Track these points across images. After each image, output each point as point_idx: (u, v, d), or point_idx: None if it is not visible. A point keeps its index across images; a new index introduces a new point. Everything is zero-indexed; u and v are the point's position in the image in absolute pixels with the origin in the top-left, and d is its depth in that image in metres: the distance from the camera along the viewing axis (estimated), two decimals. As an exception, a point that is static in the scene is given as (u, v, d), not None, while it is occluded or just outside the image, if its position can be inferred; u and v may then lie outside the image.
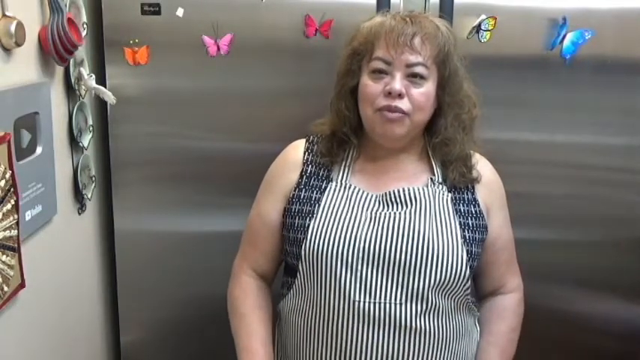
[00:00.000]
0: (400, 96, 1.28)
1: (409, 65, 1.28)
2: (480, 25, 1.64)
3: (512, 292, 1.46)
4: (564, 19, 1.64)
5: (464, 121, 1.36)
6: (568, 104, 1.71)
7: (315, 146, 1.42)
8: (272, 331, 1.44)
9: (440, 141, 1.35)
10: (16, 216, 1.27)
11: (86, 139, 1.66)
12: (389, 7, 1.58)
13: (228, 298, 1.46)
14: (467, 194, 1.37)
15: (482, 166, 1.41)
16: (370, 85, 1.31)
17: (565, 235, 1.79)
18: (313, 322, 1.32)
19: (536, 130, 1.73)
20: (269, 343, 1.40)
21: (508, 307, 1.44)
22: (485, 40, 1.65)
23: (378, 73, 1.30)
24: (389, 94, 1.28)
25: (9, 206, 1.24)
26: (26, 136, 1.36)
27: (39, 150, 1.40)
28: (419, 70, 1.28)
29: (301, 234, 1.32)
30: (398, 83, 1.27)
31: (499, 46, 1.66)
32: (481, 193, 1.38)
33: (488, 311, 1.44)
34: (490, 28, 1.65)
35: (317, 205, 1.34)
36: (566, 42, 1.65)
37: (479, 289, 1.46)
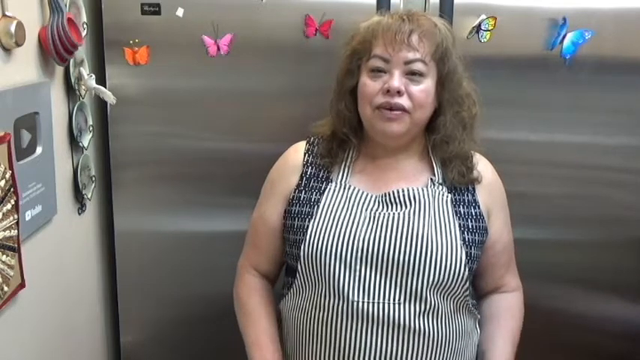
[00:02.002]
0: (399, 93, 1.28)
1: (407, 62, 1.28)
2: (480, 25, 1.64)
3: (515, 291, 1.46)
4: (564, 19, 1.64)
5: (463, 118, 1.36)
6: (568, 104, 1.71)
7: (316, 147, 1.42)
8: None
9: (440, 138, 1.35)
10: (16, 216, 1.27)
11: (86, 139, 1.66)
12: (389, 7, 1.59)
13: (234, 298, 1.47)
14: (467, 195, 1.37)
15: (483, 167, 1.41)
16: (369, 84, 1.31)
17: (565, 235, 1.79)
18: (312, 322, 1.32)
19: (536, 130, 1.73)
20: (277, 338, 1.40)
21: (515, 306, 1.45)
22: (485, 40, 1.65)
23: (376, 72, 1.30)
24: (387, 92, 1.28)
25: (9, 206, 1.24)
26: (26, 136, 1.36)
27: (39, 150, 1.40)
28: (417, 66, 1.28)
29: (301, 235, 1.32)
30: (396, 80, 1.27)
31: (499, 46, 1.66)
32: (482, 194, 1.38)
33: (496, 306, 1.44)
34: (490, 28, 1.65)
35: (316, 206, 1.34)
36: (566, 42, 1.65)
37: (478, 289, 1.46)
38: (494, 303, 1.45)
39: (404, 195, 1.32)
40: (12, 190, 1.25)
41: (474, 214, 1.35)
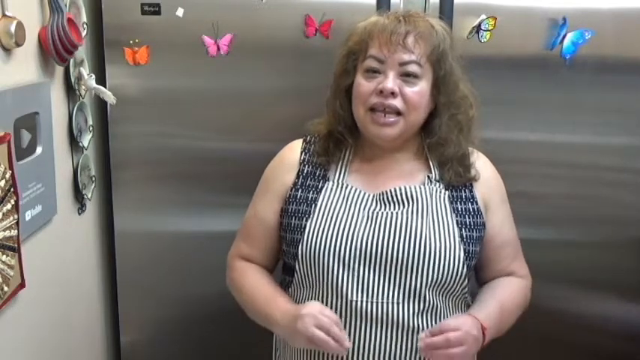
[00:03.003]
0: (393, 95, 1.27)
1: (402, 64, 1.28)
2: (480, 25, 1.64)
3: (522, 278, 1.44)
4: (564, 19, 1.64)
5: (460, 122, 1.35)
6: (568, 104, 1.71)
7: (312, 146, 1.42)
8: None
9: (435, 141, 1.35)
10: (16, 216, 1.27)
11: (86, 139, 1.66)
12: (389, 7, 1.59)
13: (229, 286, 1.45)
14: (464, 192, 1.37)
15: (482, 164, 1.40)
16: (363, 84, 1.30)
17: (565, 235, 1.79)
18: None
19: (536, 130, 1.73)
20: (285, 294, 1.36)
21: (514, 280, 1.42)
22: (485, 40, 1.65)
23: (371, 73, 1.30)
24: (381, 93, 1.28)
25: (9, 206, 1.24)
26: (26, 136, 1.36)
27: (39, 150, 1.41)
28: (412, 68, 1.28)
29: (298, 234, 1.32)
30: (390, 82, 1.27)
31: (499, 46, 1.66)
32: (479, 190, 1.38)
33: (494, 281, 1.42)
34: (490, 28, 1.65)
35: (313, 205, 1.34)
36: (566, 42, 1.65)
37: (481, 280, 1.45)
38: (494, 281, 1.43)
39: (401, 193, 1.32)
40: (12, 190, 1.25)
41: (471, 210, 1.35)
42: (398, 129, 1.30)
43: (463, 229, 1.32)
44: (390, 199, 1.33)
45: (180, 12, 1.65)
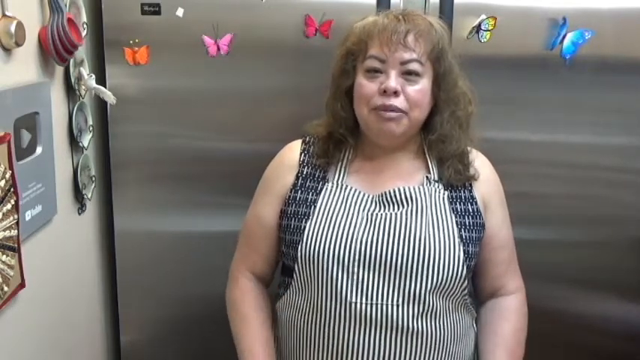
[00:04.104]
0: (396, 94, 1.27)
1: (403, 62, 1.28)
2: (480, 25, 1.64)
3: (514, 293, 1.44)
4: (564, 19, 1.64)
5: (460, 118, 1.35)
6: (568, 104, 1.71)
7: (312, 147, 1.42)
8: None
9: (436, 138, 1.35)
10: (16, 216, 1.27)
11: (86, 139, 1.66)
12: (389, 7, 1.59)
13: (227, 301, 1.46)
14: (464, 192, 1.36)
15: (480, 164, 1.40)
16: (365, 85, 1.30)
17: (565, 235, 1.79)
18: (310, 324, 1.31)
19: (536, 130, 1.73)
20: (271, 345, 1.39)
21: (511, 307, 1.42)
22: (485, 40, 1.65)
23: (372, 72, 1.30)
24: (384, 93, 1.28)
25: (9, 206, 1.24)
26: (26, 136, 1.36)
27: (39, 150, 1.41)
28: (413, 66, 1.28)
29: (297, 236, 1.32)
30: (393, 81, 1.27)
31: (499, 46, 1.66)
32: (479, 190, 1.38)
33: (491, 312, 1.42)
34: (490, 28, 1.65)
35: (313, 207, 1.33)
36: (566, 42, 1.65)
37: (478, 291, 1.45)
38: (489, 308, 1.43)
39: (400, 194, 1.32)
40: (12, 190, 1.25)
41: (470, 210, 1.35)
42: (402, 126, 1.30)
43: (462, 230, 1.31)
44: (388, 199, 1.32)
45: (180, 12, 1.65)
